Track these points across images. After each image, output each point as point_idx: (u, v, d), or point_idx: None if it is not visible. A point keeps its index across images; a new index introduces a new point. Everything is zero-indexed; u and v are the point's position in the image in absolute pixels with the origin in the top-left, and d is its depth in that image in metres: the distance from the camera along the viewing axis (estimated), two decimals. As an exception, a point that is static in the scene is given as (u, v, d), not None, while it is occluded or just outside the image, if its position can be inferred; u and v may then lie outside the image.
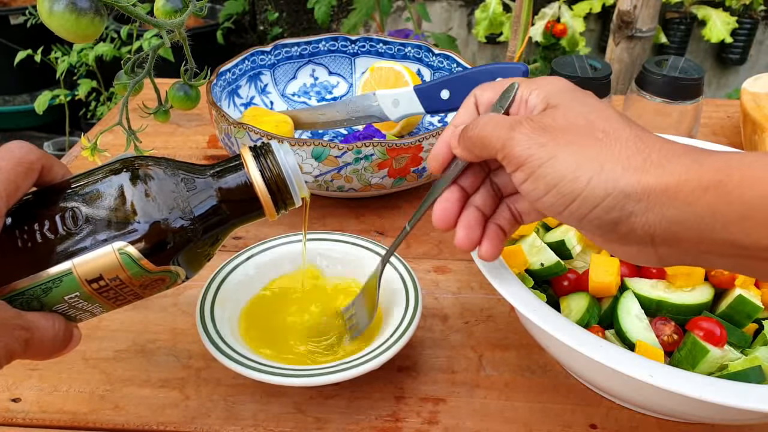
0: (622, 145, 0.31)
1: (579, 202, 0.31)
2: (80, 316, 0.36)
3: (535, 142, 0.32)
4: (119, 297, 0.35)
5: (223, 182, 0.35)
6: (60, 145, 2.16)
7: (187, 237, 0.34)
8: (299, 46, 0.81)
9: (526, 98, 0.36)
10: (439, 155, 0.39)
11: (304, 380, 0.41)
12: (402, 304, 0.47)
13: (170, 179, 0.34)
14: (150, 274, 0.34)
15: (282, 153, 0.36)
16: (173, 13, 0.49)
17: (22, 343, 0.32)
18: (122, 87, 0.54)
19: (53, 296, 0.33)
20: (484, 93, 0.39)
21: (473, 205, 0.39)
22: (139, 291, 0.35)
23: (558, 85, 0.36)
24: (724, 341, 0.42)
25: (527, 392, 0.47)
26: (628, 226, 0.31)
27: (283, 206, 0.37)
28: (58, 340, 0.34)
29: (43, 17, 0.40)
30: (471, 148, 0.36)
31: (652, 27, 1.50)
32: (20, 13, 2.07)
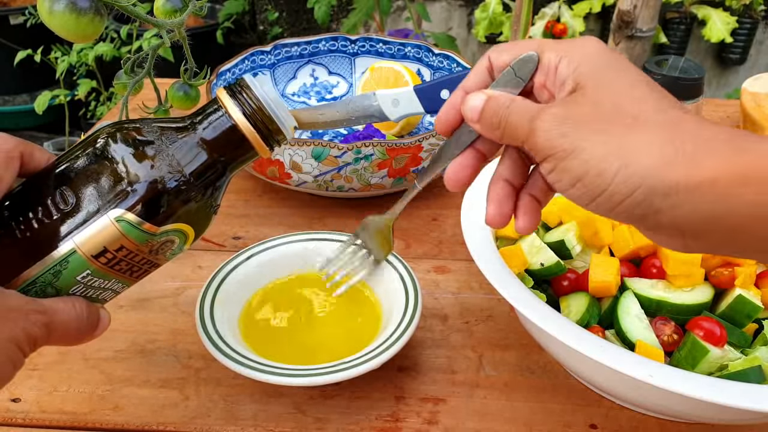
0: (652, 132, 0.29)
1: (605, 197, 0.30)
2: (102, 295, 0.36)
3: (557, 132, 0.30)
4: (134, 268, 0.35)
5: (206, 129, 0.34)
6: (60, 145, 2.16)
7: (180, 191, 0.33)
8: (299, 46, 0.81)
9: (556, 65, 0.33)
10: (447, 119, 0.37)
11: (303, 380, 0.41)
12: (402, 304, 0.47)
13: (152, 136, 0.33)
14: (155, 237, 0.33)
15: (258, 85, 0.34)
16: (173, 12, 0.49)
17: (42, 327, 0.31)
18: (122, 87, 0.54)
19: (65, 279, 0.33)
20: (501, 55, 0.36)
21: (501, 178, 0.36)
22: (151, 257, 0.35)
23: (589, 53, 0.33)
24: (724, 341, 0.42)
25: (527, 392, 0.47)
26: (656, 220, 0.29)
27: (274, 141, 0.35)
28: (83, 321, 0.34)
29: (43, 17, 0.40)
30: (492, 132, 0.34)
31: (652, 27, 1.50)
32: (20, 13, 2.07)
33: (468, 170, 0.37)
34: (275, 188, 0.70)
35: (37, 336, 0.31)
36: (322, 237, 0.55)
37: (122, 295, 0.55)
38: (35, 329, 0.31)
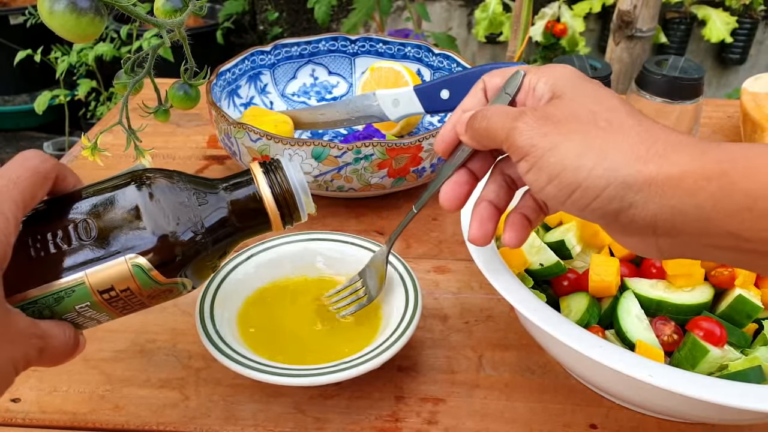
0: (625, 135, 0.31)
1: (580, 192, 0.31)
2: (86, 323, 0.36)
3: (537, 132, 0.32)
4: (127, 306, 0.35)
5: (234, 196, 0.36)
6: (60, 145, 2.16)
7: (196, 249, 0.35)
8: (299, 46, 0.81)
9: (534, 86, 0.36)
10: (446, 139, 0.39)
11: (303, 380, 0.41)
12: (402, 304, 0.47)
13: (181, 192, 0.35)
14: (159, 285, 0.34)
15: (291, 169, 0.37)
16: (173, 12, 0.49)
17: (37, 351, 0.32)
18: (122, 86, 0.54)
19: (65, 306, 0.34)
20: (492, 79, 0.39)
21: (485, 199, 0.39)
22: (146, 301, 0.36)
23: (565, 73, 0.35)
24: (724, 341, 0.42)
25: (527, 392, 0.47)
26: (629, 216, 0.30)
27: (290, 220, 0.38)
28: (69, 347, 0.35)
29: (43, 17, 0.40)
30: (477, 138, 0.36)
31: (652, 27, 1.50)
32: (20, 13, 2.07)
33: (462, 188, 0.39)
34: (275, 188, 0.70)
35: (31, 358, 0.32)
36: (322, 237, 0.55)
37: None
38: (32, 352, 0.32)
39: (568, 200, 0.32)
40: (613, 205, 0.30)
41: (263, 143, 0.59)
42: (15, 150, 2.30)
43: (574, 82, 0.35)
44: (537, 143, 0.32)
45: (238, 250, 0.55)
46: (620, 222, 0.31)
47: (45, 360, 0.34)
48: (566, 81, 0.35)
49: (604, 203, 0.31)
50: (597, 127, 0.31)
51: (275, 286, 0.52)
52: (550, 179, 0.32)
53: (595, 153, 0.30)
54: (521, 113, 0.34)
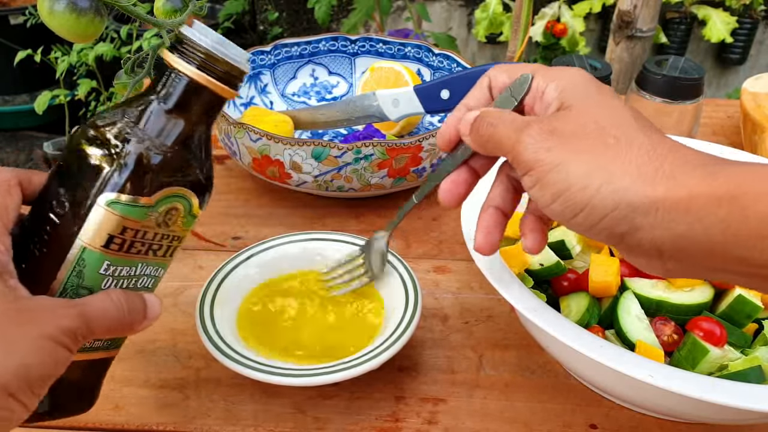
0: (634, 153, 0.30)
1: (586, 213, 0.30)
2: (141, 282, 0.37)
3: (542, 146, 0.31)
4: (153, 246, 0.35)
5: (165, 94, 0.35)
6: (60, 145, 2.15)
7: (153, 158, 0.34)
8: (299, 46, 0.81)
9: (543, 90, 0.35)
10: (447, 135, 0.38)
11: (303, 380, 0.41)
12: (402, 304, 0.47)
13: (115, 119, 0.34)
14: (153, 209, 0.34)
15: (198, 32, 0.34)
16: (173, 12, 0.49)
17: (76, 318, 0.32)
18: (122, 87, 0.54)
19: (90, 277, 0.34)
20: (499, 75, 0.38)
21: (492, 205, 0.38)
22: (165, 231, 0.35)
23: (576, 79, 0.34)
24: (724, 341, 0.42)
25: (527, 392, 0.47)
26: (636, 239, 0.30)
27: (234, 79, 0.36)
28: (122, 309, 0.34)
29: (43, 17, 0.40)
30: (482, 144, 0.35)
31: (652, 27, 1.50)
32: (20, 13, 2.07)
33: (461, 186, 0.38)
34: (275, 188, 0.70)
35: (74, 328, 0.31)
36: (322, 237, 0.55)
37: (122, 295, 0.55)
38: (68, 321, 0.31)
39: (574, 219, 0.31)
40: (619, 227, 0.30)
41: (263, 143, 0.59)
42: (14, 150, 2.30)
43: (584, 92, 0.33)
44: (542, 158, 0.31)
45: (238, 249, 0.55)
46: (626, 243, 0.30)
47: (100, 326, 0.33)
48: (576, 89, 0.33)
49: (610, 225, 0.30)
50: (605, 144, 0.30)
51: (275, 286, 0.52)
52: (555, 197, 0.31)
53: (601, 173, 0.30)
54: (527, 125, 0.32)
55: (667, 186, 0.28)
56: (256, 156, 0.61)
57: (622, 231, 0.30)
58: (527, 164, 0.32)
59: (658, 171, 0.29)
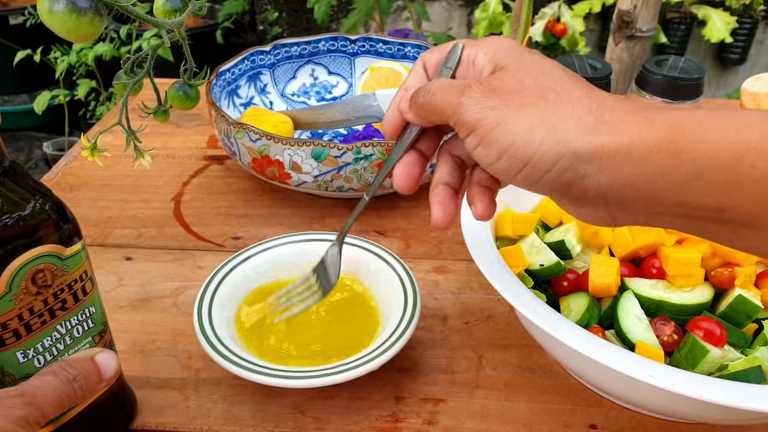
0: (573, 106, 0.30)
1: (531, 166, 0.31)
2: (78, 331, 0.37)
3: (485, 105, 0.32)
4: (52, 309, 0.35)
5: None
6: (59, 145, 2.15)
7: None
8: (299, 46, 0.81)
9: (473, 59, 0.36)
10: (392, 120, 0.38)
11: (303, 381, 0.41)
12: (401, 305, 0.47)
13: None
14: (11, 291, 0.33)
15: None
16: (173, 12, 0.49)
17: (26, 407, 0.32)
18: (122, 87, 0.54)
19: (17, 369, 0.34)
20: (431, 55, 0.38)
21: (440, 182, 0.38)
22: (54, 290, 0.35)
23: (505, 44, 0.35)
24: (724, 341, 0.42)
25: (527, 392, 0.47)
26: (582, 187, 0.30)
27: None
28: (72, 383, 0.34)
29: (43, 17, 0.40)
30: (422, 114, 0.35)
31: (652, 27, 1.50)
32: (20, 13, 2.07)
33: (413, 168, 0.38)
34: (275, 188, 0.70)
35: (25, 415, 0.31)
36: (322, 237, 0.55)
37: (122, 295, 0.55)
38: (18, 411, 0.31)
39: (519, 174, 0.31)
40: (564, 177, 0.30)
41: (263, 143, 0.59)
42: (14, 150, 2.30)
43: (516, 54, 0.34)
44: (484, 117, 0.31)
45: (238, 249, 0.55)
46: (572, 194, 0.31)
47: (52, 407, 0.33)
48: (508, 52, 0.34)
49: (555, 176, 0.30)
50: (545, 99, 0.31)
51: (274, 287, 0.52)
52: (500, 154, 0.31)
53: (545, 126, 0.30)
54: (466, 87, 0.33)
55: (609, 133, 0.29)
56: (256, 156, 0.61)
57: (567, 180, 0.30)
58: (470, 124, 0.32)
59: (599, 120, 0.30)
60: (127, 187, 0.70)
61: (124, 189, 0.70)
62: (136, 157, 0.56)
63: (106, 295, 0.55)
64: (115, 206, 0.67)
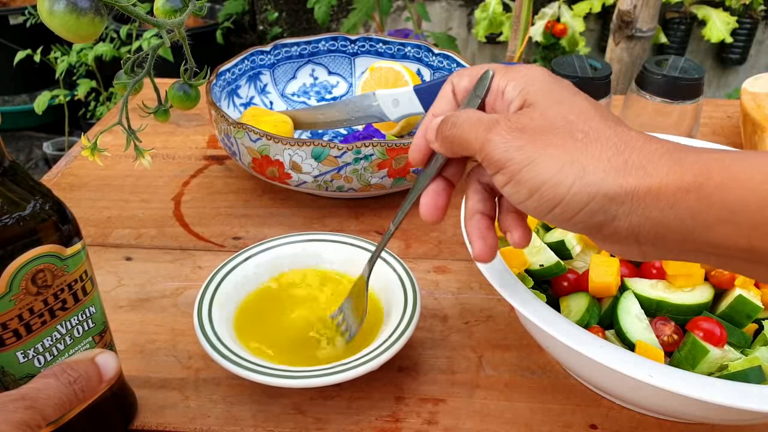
0: (602, 146, 0.31)
1: (562, 207, 0.31)
2: (77, 331, 0.37)
3: (513, 144, 0.32)
4: (52, 309, 0.35)
5: None
6: (59, 146, 2.16)
7: None
8: (299, 46, 0.81)
9: (503, 89, 0.35)
10: (420, 147, 0.38)
11: (303, 381, 0.41)
12: (401, 305, 0.47)
13: None
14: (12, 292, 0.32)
15: None
16: (173, 12, 0.49)
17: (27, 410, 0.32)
18: (122, 87, 0.54)
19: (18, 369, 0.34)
20: (461, 80, 0.38)
21: (475, 211, 0.38)
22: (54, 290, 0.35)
23: (535, 75, 0.35)
24: (724, 341, 0.42)
25: (527, 392, 0.47)
26: (612, 228, 0.30)
27: None
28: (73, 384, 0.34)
29: (43, 17, 0.40)
30: (448, 146, 0.35)
31: (652, 27, 1.50)
32: (20, 13, 2.07)
33: (441, 197, 0.38)
34: (275, 188, 0.70)
35: (26, 419, 0.31)
36: (322, 237, 0.55)
37: (122, 295, 0.55)
38: (20, 415, 0.31)
39: (550, 214, 0.32)
40: (596, 218, 0.30)
41: (263, 143, 0.59)
42: (14, 150, 2.30)
43: (545, 88, 0.34)
44: (513, 157, 0.31)
45: (238, 249, 0.55)
46: (603, 233, 0.31)
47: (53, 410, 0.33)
48: (537, 86, 0.34)
49: (587, 217, 0.31)
50: (574, 139, 0.31)
51: (274, 287, 0.52)
52: (531, 194, 0.31)
53: (574, 167, 0.30)
54: (494, 123, 0.33)
55: (638, 176, 0.29)
56: (256, 156, 0.61)
57: (598, 221, 0.31)
58: (498, 163, 0.32)
59: (627, 162, 0.30)
60: (127, 187, 0.70)
61: (124, 189, 0.70)
62: (136, 157, 0.56)
63: (106, 295, 0.55)
64: (115, 206, 0.67)
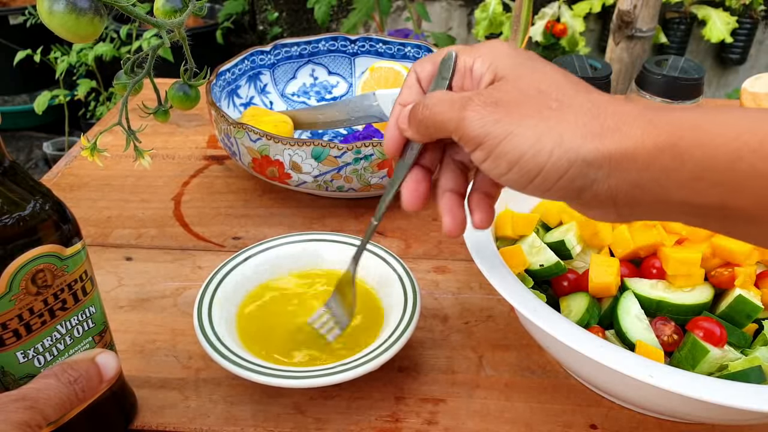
0: (577, 112, 0.31)
1: (543, 176, 0.31)
2: (77, 331, 0.37)
3: (489, 119, 0.32)
4: (52, 309, 0.35)
5: None
6: (59, 146, 2.16)
7: None
8: (299, 46, 0.81)
9: (470, 67, 0.35)
10: (392, 138, 0.38)
11: (303, 381, 0.41)
12: (401, 305, 0.47)
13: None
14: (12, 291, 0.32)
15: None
16: (173, 12, 0.49)
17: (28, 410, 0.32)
18: (122, 87, 0.54)
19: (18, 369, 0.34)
20: (424, 67, 0.38)
21: (446, 189, 0.38)
22: (54, 290, 0.35)
23: (501, 50, 0.35)
24: (724, 341, 0.42)
25: (527, 392, 0.47)
26: (592, 192, 0.31)
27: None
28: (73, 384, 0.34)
29: (43, 17, 0.40)
30: (423, 131, 0.35)
31: (652, 27, 1.50)
32: (20, 13, 2.07)
33: (420, 186, 0.38)
34: (275, 188, 0.70)
35: (27, 419, 0.31)
36: (322, 237, 0.55)
37: (122, 295, 0.55)
38: (21, 415, 0.31)
39: (531, 185, 0.32)
40: (575, 184, 0.31)
41: (263, 143, 0.59)
42: (14, 150, 2.30)
43: (514, 61, 0.34)
44: (490, 131, 0.31)
45: (238, 249, 0.55)
46: (583, 198, 0.31)
47: (54, 410, 0.33)
48: (505, 59, 0.34)
49: (567, 183, 0.31)
50: (549, 108, 0.31)
51: (274, 287, 0.52)
52: (510, 166, 0.31)
53: (552, 136, 0.30)
54: (468, 100, 0.33)
55: (614, 139, 0.30)
56: (256, 156, 0.61)
57: (578, 186, 0.31)
58: (476, 139, 0.32)
59: (603, 126, 0.30)
60: (127, 187, 0.70)
61: (124, 189, 0.70)
62: (136, 157, 0.56)
63: (106, 295, 0.55)
64: (115, 206, 0.67)
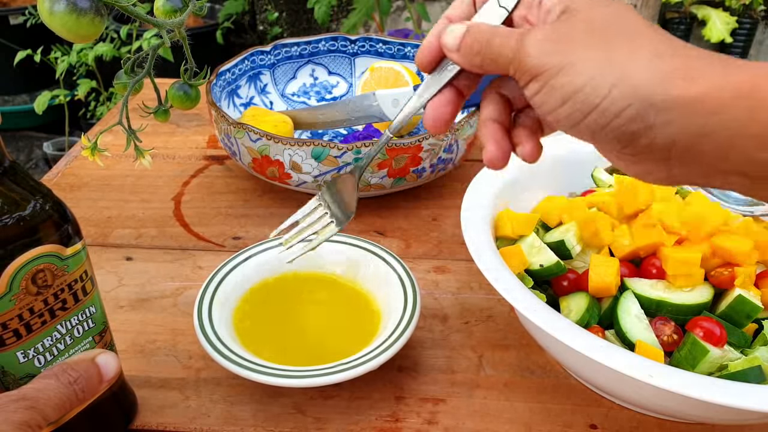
0: (645, 49, 0.28)
1: (598, 113, 0.28)
2: (78, 331, 0.37)
3: (549, 49, 0.29)
4: (52, 309, 0.35)
5: None
6: (60, 146, 2.16)
7: None
8: (299, 46, 0.81)
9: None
10: (429, 54, 0.35)
11: (303, 381, 0.41)
12: (401, 305, 0.47)
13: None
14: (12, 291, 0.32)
15: None
16: (173, 12, 0.49)
17: (28, 411, 0.32)
18: (122, 87, 0.54)
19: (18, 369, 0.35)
20: None
21: (490, 119, 0.35)
22: (54, 290, 0.35)
23: None
24: (724, 341, 0.42)
25: (527, 392, 0.47)
26: (648, 138, 0.28)
27: None
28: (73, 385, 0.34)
29: (43, 17, 0.40)
30: (472, 59, 0.32)
31: (652, 27, 1.49)
32: (20, 13, 2.07)
33: (447, 108, 0.35)
34: (275, 188, 0.70)
35: (27, 419, 0.31)
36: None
37: (122, 295, 0.55)
38: (20, 415, 0.31)
39: (583, 122, 0.29)
40: (631, 126, 0.28)
41: (263, 143, 0.59)
42: (14, 150, 2.30)
43: None
44: (547, 62, 0.29)
45: (238, 249, 0.55)
46: (636, 146, 0.29)
47: (54, 410, 0.33)
48: None
49: (622, 123, 0.28)
50: (616, 41, 0.28)
51: (274, 287, 0.52)
52: (564, 100, 0.29)
53: (614, 70, 0.28)
54: (529, 32, 0.30)
55: (684, 79, 0.27)
56: (256, 156, 0.61)
57: (633, 129, 0.28)
58: (532, 70, 0.30)
59: (672, 66, 0.27)
60: (127, 187, 0.70)
61: (124, 189, 0.70)
62: (136, 157, 0.56)
63: (106, 295, 0.55)
64: (115, 206, 0.67)
